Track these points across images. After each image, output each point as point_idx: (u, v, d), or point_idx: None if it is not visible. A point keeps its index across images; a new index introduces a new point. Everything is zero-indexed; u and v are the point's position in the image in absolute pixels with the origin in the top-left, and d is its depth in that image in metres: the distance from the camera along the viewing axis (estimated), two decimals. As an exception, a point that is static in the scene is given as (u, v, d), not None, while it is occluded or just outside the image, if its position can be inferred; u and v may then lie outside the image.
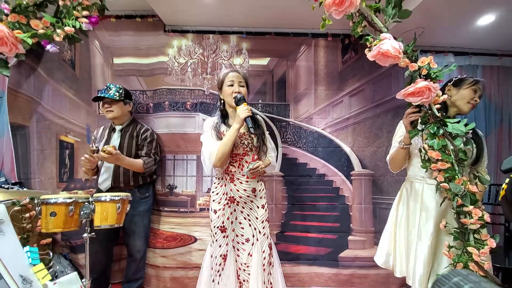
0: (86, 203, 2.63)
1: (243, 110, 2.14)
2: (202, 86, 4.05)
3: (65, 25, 2.24)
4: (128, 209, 2.76)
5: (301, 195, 4.00)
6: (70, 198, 2.58)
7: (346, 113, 4.18)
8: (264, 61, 4.09)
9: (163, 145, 3.92)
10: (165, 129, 3.98)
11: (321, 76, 4.17)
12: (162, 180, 3.94)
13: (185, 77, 4.01)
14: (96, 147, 3.22)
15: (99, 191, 3.28)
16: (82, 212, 2.61)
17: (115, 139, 3.34)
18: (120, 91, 3.39)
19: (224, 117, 2.46)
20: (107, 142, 3.33)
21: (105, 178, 3.29)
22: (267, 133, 2.53)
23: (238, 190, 2.28)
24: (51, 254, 2.84)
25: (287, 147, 4.07)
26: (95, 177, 3.38)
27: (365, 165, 4.11)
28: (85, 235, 2.59)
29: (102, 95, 3.32)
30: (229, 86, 2.35)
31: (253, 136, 2.30)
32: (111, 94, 3.31)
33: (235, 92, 2.32)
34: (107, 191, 3.26)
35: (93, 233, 2.62)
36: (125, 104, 3.43)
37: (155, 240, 3.73)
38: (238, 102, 2.27)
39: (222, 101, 2.50)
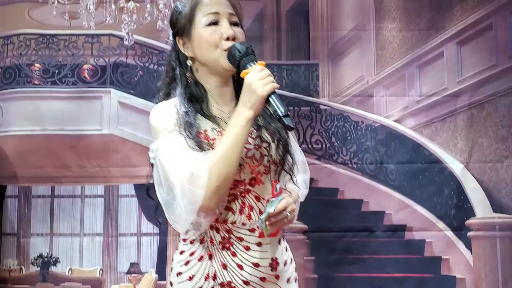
0: None
1: (262, 78, 1.17)
2: (117, 28, 3.38)
3: None
4: None
5: (350, 276, 3.30)
6: None
7: (451, 82, 3.31)
8: None
9: (19, 165, 3.44)
10: (29, 126, 3.40)
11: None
12: (18, 245, 3.62)
13: (79, 9, 3.32)
14: None
15: None
16: None
17: None
18: None
19: (198, 98, 1.33)
20: None
21: None
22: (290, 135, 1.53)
23: (241, 267, 1.32)
24: None
25: (315, 162, 3.41)
26: None
27: (502, 205, 3.19)
28: None
29: None
30: (209, 25, 1.31)
31: (279, 137, 1.36)
32: None
33: (227, 38, 1.28)
34: None
35: None
36: None
37: None
38: (242, 59, 1.23)
39: (188, 62, 1.33)
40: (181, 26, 1.32)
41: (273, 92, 1.17)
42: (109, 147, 3.31)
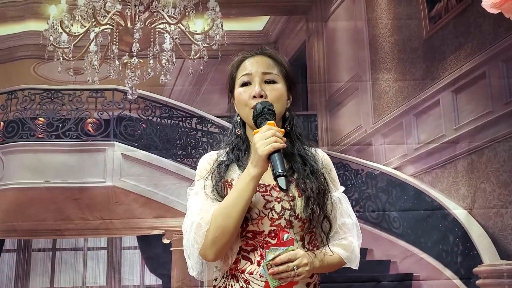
0: None
1: (265, 138, 1.26)
2: (121, 83, 3.41)
3: None
4: None
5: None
6: None
7: (448, 129, 3.37)
8: (256, 24, 3.73)
9: (19, 217, 3.36)
10: (31, 178, 3.36)
11: (385, 51, 3.60)
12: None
13: (83, 65, 3.39)
14: None
15: None
16: None
17: None
18: None
19: (239, 149, 1.45)
20: None
21: None
22: (340, 189, 1.45)
23: None
24: None
25: None
26: None
27: (509, 251, 3.13)
28: None
29: None
30: (242, 86, 1.41)
31: (309, 195, 1.33)
32: None
33: (254, 97, 1.37)
34: None
35: None
36: None
37: None
38: (258, 118, 1.32)
39: (237, 117, 1.48)
40: (229, 87, 1.45)
41: (278, 151, 1.21)
42: (112, 199, 3.30)
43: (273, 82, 1.41)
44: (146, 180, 3.16)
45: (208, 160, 1.50)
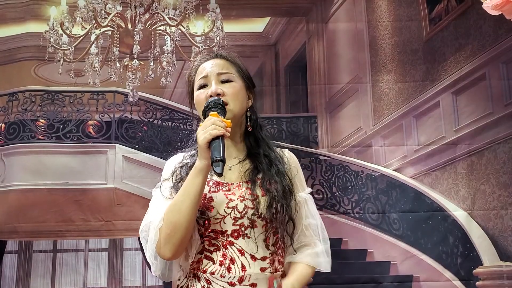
0: None
1: (204, 128, 1.24)
2: (122, 85, 3.40)
3: None
4: None
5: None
6: None
7: (448, 131, 3.35)
8: (256, 25, 3.74)
9: (20, 219, 3.36)
10: (32, 180, 3.38)
11: (385, 52, 3.59)
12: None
13: (84, 67, 3.32)
14: None
15: None
16: None
17: None
18: None
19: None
20: None
21: None
22: (307, 190, 1.42)
23: None
24: None
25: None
26: None
27: (509, 253, 3.11)
28: None
29: None
30: (199, 89, 1.42)
31: (273, 195, 1.32)
32: None
33: (210, 96, 1.37)
34: None
35: None
36: None
37: None
38: (206, 111, 1.32)
39: (199, 121, 1.48)
40: (189, 91, 1.44)
41: (217, 139, 1.22)
42: (113, 201, 3.29)
43: (229, 81, 1.40)
44: (147, 182, 3.12)
45: (173, 162, 1.48)
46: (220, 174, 1.21)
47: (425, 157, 3.36)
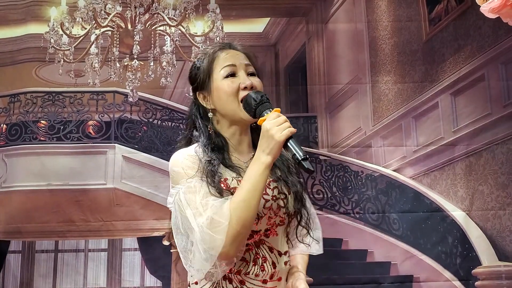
0: None
1: (279, 124, 1.13)
2: (121, 86, 3.41)
3: None
4: None
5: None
6: None
7: (447, 132, 3.37)
8: (256, 26, 3.77)
9: (23, 220, 3.38)
10: (34, 181, 3.39)
11: (385, 53, 3.62)
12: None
13: (84, 67, 3.34)
14: None
15: None
16: None
17: None
18: None
19: (220, 148, 1.33)
20: None
21: None
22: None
23: None
24: None
25: (317, 212, 2.15)
26: None
27: (507, 253, 3.14)
28: None
29: None
30: (227, 77, 1.30)
31: (296, 190, 1.30)
32: None
33: (245, 88, 1.27)
34: None
35: None
36: None
37: None
38: (258, 107, 1.22)
39: (209, 114, 1.35)
40: (200, 81, 1.37)
41: (291, 137, 1.18)
42: (113, 201, 3.31)
43: (254, 74, 1.36)
44: (147, 182, 3.15)
45: (190, 158, 1.51)
46: (312, 172, 1.17)
47: (424, 157, 3.37)
